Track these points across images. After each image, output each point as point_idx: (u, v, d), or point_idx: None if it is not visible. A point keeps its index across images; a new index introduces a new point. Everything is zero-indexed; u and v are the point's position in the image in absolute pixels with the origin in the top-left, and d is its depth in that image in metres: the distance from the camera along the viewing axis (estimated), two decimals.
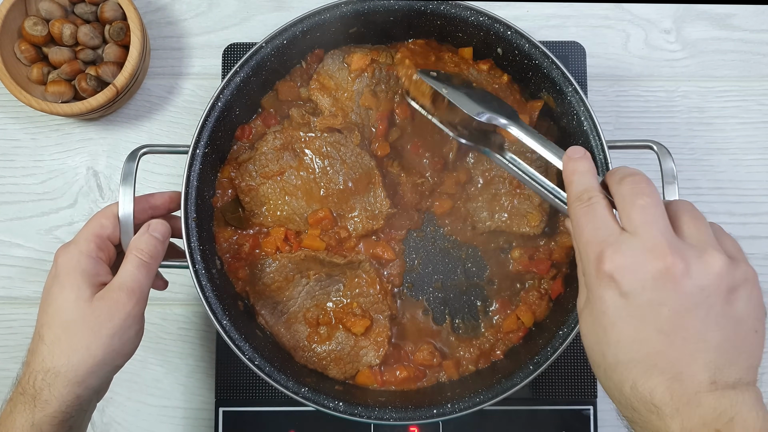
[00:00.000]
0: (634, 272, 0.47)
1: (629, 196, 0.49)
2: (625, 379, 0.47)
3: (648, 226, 0.47)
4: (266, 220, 0.77)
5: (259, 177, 0.76)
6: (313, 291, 0.77)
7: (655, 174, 0.86)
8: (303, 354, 0.76)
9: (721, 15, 0.91)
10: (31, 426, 0.59)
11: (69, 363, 0.60)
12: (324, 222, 0.76)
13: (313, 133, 0.76)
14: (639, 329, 0.46)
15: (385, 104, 0.77)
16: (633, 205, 0.49)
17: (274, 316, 0.77)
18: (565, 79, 0.72)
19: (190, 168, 0.71)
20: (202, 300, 0.69)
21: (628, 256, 0.47)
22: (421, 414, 0.69)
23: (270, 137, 0.77)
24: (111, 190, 0.88)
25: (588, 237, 0.50)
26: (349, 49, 0.79)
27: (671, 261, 0.46)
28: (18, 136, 0.89)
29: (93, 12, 0.84)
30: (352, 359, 0.76)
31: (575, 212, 0.52)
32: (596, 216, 0.50)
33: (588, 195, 0.52)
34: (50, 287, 0.63)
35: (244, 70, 0.73)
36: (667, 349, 0.46)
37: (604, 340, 0.48)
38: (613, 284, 0.47)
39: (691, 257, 0.46)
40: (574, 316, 0.70)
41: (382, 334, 0.76)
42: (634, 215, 0.48)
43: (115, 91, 0.81)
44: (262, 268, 0.76)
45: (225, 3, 0.91)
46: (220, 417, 0.81)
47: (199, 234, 0.71)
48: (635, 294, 0.46)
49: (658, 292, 0.46)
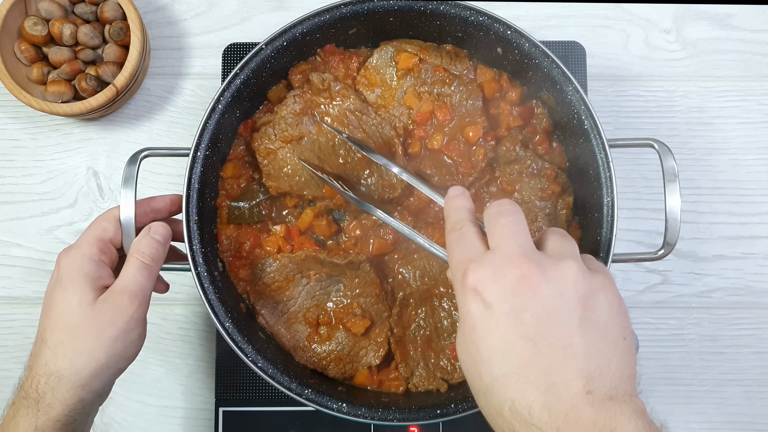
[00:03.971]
0: (494, 281, 0.48)
1: (493, 216, 0.52)
2: (504, 400, 0.46)
3: (508, 240, 0.50)
4: (284, 183, 0.77)
5: (279, 141, 0.76)
6: (313, 291, 0.77)
7: (656, 173, 0.86)
8: (303, 354, 0.76)
9: (721, 15, 0.91)
10: (35, 430, 0.59)
11: (72, 366, 0.60)
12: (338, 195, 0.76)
13: (333, 99, 0.77)
14: (506, 339, 0.47)
15: (426, 105, 0.77)
16: (495, 224, 0.52)
17: (274, 316, 0.77)
18: (566, 78, 0.72)
19: (191, 170, 0.71)
20: (205, 302, 0.69)
21: (487, 267, 0.49)
22: (424, 414, 0.69)
23: (290, 100, 0.77)
24: (111, 190, 0.88)
25: (457, 259, 0.52)
26: (399, 45, 0.79)
27: (527, 268, 0.48)
28: (18, 136, 0.89)
29: (93, 12, 0.84)
30: (352, 359, 0.76)
31: (449, 241, 0.54)
32: (465, 240, 0.53)
33: (460, 225, 0.54)
34: (53, 291, 0.63)
35: (244, 71, 0.73)
36: (536, 356, 0.46)
37: (477, 359, 0.48)
38: (477, 296, 0.48)
39: (548, 264, 0.49)
40: None
41: (382, 334, 0.76)
42: (496, 232, 0.51)
43: (115, 91, 0.81)
44: (263, 267, 0.76)
45: (225, 3, 0.91)
46: (220, 417, 0.81)
47: (201, 236, 0.71)
48: (497, 303, 0.47)
49: (518, 298, 0.47)
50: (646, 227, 0.87)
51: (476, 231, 0.54)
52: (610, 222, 0.70)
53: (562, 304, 0.47)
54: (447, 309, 0.77)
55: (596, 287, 0.49)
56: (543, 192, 0.77)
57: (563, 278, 0.48)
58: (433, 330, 0.76)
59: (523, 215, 0.53)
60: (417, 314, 0.77)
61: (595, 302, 0.48)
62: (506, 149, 0.77)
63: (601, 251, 0.70)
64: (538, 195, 0.78)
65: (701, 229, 0.87)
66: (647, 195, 0.87)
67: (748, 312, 0.86)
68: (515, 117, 0.78)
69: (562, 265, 0.49)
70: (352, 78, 0.80)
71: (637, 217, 0.87)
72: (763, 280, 0.87)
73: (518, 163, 0.78)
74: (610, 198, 0.70)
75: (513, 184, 0.78)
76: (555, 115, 0.77)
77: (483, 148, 0.77)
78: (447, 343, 0.76)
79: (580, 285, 0.48)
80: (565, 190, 0.78)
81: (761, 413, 0.85)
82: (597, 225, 0.71)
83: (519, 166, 0.78)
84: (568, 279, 0.48)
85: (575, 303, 0.47)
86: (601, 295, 0.48)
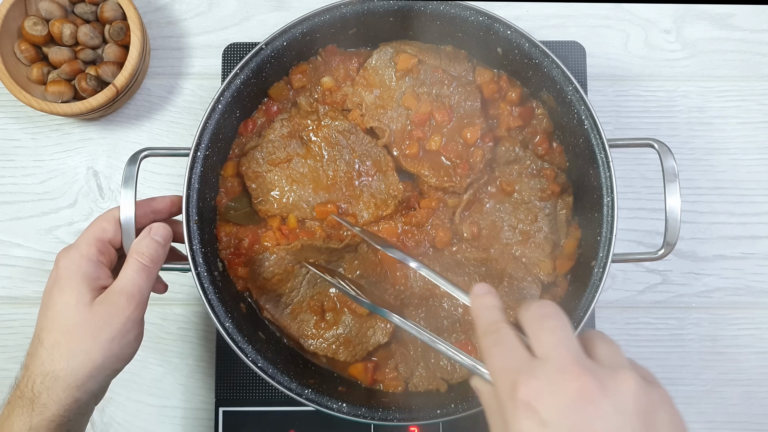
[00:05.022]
0: (550, 396, 0.44)
1: (537, 320, 0.49)
2: None
3: (559, 348, 0.46)
4: (272, 207, 0.77)
5: (266, 164, 0.77)
6: (314, 279, 0.77)
7: (656, 173, 0.86)
8: (312, 342, 0.76)
9: (721, 15, 0.91)
10: (29, 429, 0.59)
11: (68, 367, 0.60)
12: (330, 217, 0.76)
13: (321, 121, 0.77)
14: None
15: (424, 106, 0.77)
16: (541, 328, 0.48)
17: (278, 310, 0.77)
18: (566, 77, 0.72)
19: (191, 171, 0.71)
20: (205, 303, 0.69)
21: (542, 380, 0.45)
22: (424, 414, 0.69)
23: (277, 125, 0.77)
24: (111, 190, 0.88)
25: (499, 366, 0.48)
26: (398, 46, 0.79)
27: (585, 380, 0.44)
28: (18, 136, 0.89)
29: (93, 12, 0.84)
30: (361, 340, 0.76)
31: (485, 345, 0.51)
32: (506, 344, 0.49)
33: (495, 327, 0.51)
34: (50, 290, 0.63)
35: (244, 71, 0.73)
36: None
37: None
38: (531, 413, 0.44)
39: (605, 376, 0.45)
40: (576, 316, 0.70)
41: None
42: (543, 338, 0.48)
43: (115, 91, 0.80)
44: (261, 262, 0.76)
45: (225, 3, 0.91)
46: (220, 417, 0.81)
47: (201, 236, 0.71)
48: (555, 421, 0.43)
49: (578, 416, 0.43)
50: (646, 227, 0.87)
51: (515, 334, 0.50)
52: (610, 222, 0.70)
53: (624, 422, 0.43)
54: (447, 309, 0.77)
55: (656, 402, 0.45)
56: (543, 192, 0.77)
57: (623, 392, 0.44)
58: (433, 330, 0.76)
59: (567, 318, 0.49)
60: (417, 314, 0.77)
61: (656, 418, 0.45)
62: (505, 149, 0.78)
63: (601, 251, 0.70)
64: (537, 195, 0.78)
65: (701, 229, 0.87)
66: (647, 195, 0.87)
67: (748, 312, 0.86)
68: (515, 117, 0.78)
69: (620, 378, 0.45)
70: (351, 79, 0.80)
71: (637, 217, 0.87)
72: (763, 280, 0.87)
73: (518, 164, 0.78)
74: (610, 198, 0.70)
75: (512, 184, 0.78)
76: (555, 116, 0.77)
77: (481, 150, 0.77)
78: None
79: (640, 400, 0.44)
80: (565, 190, 0.78)
81: (761, 413, 0.85)
82: (597, 225, 0.71)
83: (518, 166, 0.78)
84: (628, 394, 0.44)
85: (636, 420, 0.44)
86: (661, 411, 0.45)
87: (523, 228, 0.78)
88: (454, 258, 0.78)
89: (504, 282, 0.76)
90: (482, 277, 0.77)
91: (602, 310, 0.86)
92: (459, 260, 0.77)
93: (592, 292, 0.70)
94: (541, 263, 0.77)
